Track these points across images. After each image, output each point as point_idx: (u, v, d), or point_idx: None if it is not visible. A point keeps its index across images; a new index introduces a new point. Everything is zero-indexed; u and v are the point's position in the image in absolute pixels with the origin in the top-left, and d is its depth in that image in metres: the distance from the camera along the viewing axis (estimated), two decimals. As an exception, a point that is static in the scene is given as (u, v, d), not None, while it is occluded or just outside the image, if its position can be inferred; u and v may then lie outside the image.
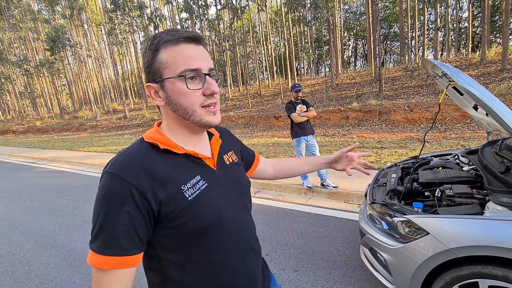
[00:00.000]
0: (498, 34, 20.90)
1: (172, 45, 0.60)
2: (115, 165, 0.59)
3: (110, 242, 0.55)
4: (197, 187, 0.63)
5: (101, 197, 0.57)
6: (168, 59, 0.60)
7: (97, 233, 0.56)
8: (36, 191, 5.62)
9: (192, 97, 0.62)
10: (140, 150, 0.63)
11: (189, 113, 0.63)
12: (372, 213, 1.88)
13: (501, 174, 1.63)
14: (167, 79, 0.61)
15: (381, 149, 6.23)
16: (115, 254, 0.55)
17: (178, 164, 0.64)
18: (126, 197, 0.55)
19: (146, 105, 23.35)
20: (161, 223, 0.60)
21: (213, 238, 0.65)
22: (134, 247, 0.57)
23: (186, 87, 0.60)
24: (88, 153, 10.34)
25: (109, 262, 0.55)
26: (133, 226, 0.56)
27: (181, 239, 0.62)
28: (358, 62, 33.93)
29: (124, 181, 0.56)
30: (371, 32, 16.48)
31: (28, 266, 2.74)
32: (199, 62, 0.61)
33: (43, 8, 26.86)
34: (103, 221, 0.55)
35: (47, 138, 19.18)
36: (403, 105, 10.11)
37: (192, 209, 0.61)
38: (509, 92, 8.88)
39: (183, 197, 0.61)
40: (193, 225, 0.61)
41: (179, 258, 0.64)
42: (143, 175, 0.58)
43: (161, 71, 0.61)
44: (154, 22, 18.88)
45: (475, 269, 1.36)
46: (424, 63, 2.11)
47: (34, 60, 29.71)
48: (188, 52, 0.61)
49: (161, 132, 0.67)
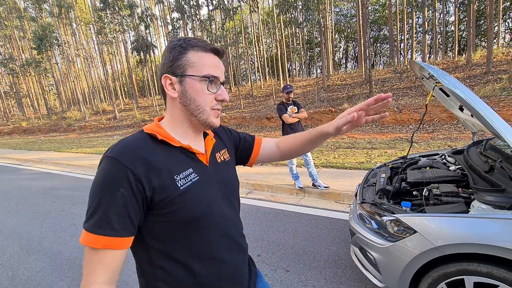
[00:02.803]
0: (483, 38, 21.57)
1: (202, 51, 0.69)
2: (115, 150, 0.63)
3: (103, 222, 0.58)
4: (189, 179, 0.67)
5: (99, 179, 0.60)
6: (196, 60, 0.68)
7: (92, 213, 0.59)
8: (22, 193, 5.45)
9: (207, 98, 0.70)
10: (139, 139, 0.67)
11: (199, 110, 0.70)
12: (362, 212, 1.90)
13: (485, 173, 1.67)
14: (190, 76, 0.68)
15: (371, 150, 6.32)
16: (107, 234, 0.58)
17: (173, 155, 0.68)
18: (123, 181, 0.59)
19: (136, 105, 23.03)
20: (153, 210, 0.63)
21: (201, 229, 0.68)
22: (126, 230, 0.60)
23: (206, 88, 0.69)
24: (77, 154, 10.11)
25: (101, 241, 0.58)
26: (126, 209, 0.59)
27: (170, 227, 0.65)
28: (349, 64, 34.39)
29: (122, 165, 0.60)
30: (362, 35, 16.73)
31: (12, 271, 2.65)
32: (219, 72, 0.71)
33: (29, 6, 26.14)
34: (99, 202, 0.58)
35: (33, 139, 18.67)
36: (392, 106, 10.29)
37: (183, 199, 0.64)
38: (493, 94, 9.17)
39: (176, 186, 0.64)
40: (183, 215, 0.65)
41: (167, 247, 0.66)
42: (139, 161, 0.62)
43: (185, 67, 0.68)
44: (145, 21, 18.67)
45: (461, 266, 1.39)
46: (412, 65, 2.15)
47: (20, 59, 28.89)
48: (214, 61, 0.71)
49: (161, 126, 0.72)
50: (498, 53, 13.37)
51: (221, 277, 0.72)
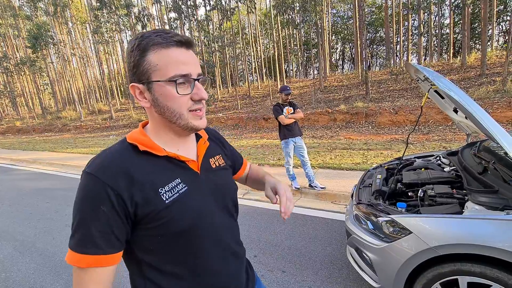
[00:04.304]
0: (478, 41, 21.84)
1: (162, 48, 0.59)
2: (93, 166, 0.59)
3: (86, 241, 0.56)
4: (176, 191, 0.63)
5: (79, 196, 0.58)
6: (158, 62, 0.59)
7: (74, 231, 0.57)
8: (15, 194, 5.38)
9: (181, 101, 0.61)
10: (120, 151, 0.63)
11: (176, 116, 0.63)
12: (358, 213, 1.91)
13: (479, 174, 1.70)
14: (156, 82, 0.60)
15: (368, 151, 6.36)
16: (91, 252, 0.56)
17: (157, 166, 0.63)
18: (103, 197, 0.56)
19: (133, 105, 22.87)
20: (139, 225, 0.60)
21: (191, 241, 0.65)
22: (111, 246, 0.57)
23: (176, 91, 0.60)
24: (72, 154, 10.02)
25: (85, 260, 0.56)
26: (109, 226, 0.57)
27: (159, 241, 0.62)
28: (345, 65, 34.59)
29: (100, 181, 0.56)
30: (358, 36, 16.84)
31: (6, 273, 2.62)
32: (189, 68, 0.61)
33: (24, 4, 25.84)
34: (80, 220, 0.56)
35: (27, 139, 18.44)
36: (388, 108, 10.37)
37: (169, 212, 0.61)
38: (487, 96, 9.28)
39: (160, 199, 0.60)
40: (171, 228, 0.61)
41: (157, 260, 0.64)
42: (120, 176, 0.58)
43: (149, 73, 0.60)
44: (142, 21, 18.56)
45: (455, 266, 1.41)
46: (408, 67, 2.18)
47: (15, 58, 28.53)
48: (179, 57, 0.60)
49: (145, 133, 0.67)
50: (492, 55, 13.55)
51: (215, 287, 0.69)
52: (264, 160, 6.27)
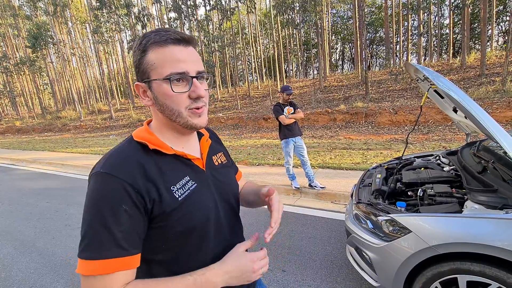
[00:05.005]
0: (477, 41, 21.88)
1: (159, 47, 0.59)
2: (108, 165, 0.57)
3: (110, 244, 0.53)
4: (187, 188, 0.63)
5: (95, 198, 0.55)
6: (155, 61, 0.59)
7: (91, 238, 0.53)
8: (15, 193, 5.38)
9: (178, 100, 0.61)
10: (130, 149, 0.62)
11: (175, 114, 0.62)
12: (357, 212, 1.92)
13: (478, 174, 1.70)
14: (154, 81, 0.60)
15: (367, 150, 6.37)
16: (118, 255, 0.53)
17: (167, 164, 0.63)
18: (123, 196, 0.54)
19: (132, 105, 22.89)
20: (152, 223, 0.59)
21: (199, 238, 0.65)
22: (135, 247, 0.56)
23: (171, 90, 0.60)
24: (72, 154, 10.01)
25: (112, 264, 0.52)
26: (132, 225, 0.55)
27: (169, 239, 0.62)
28: (345, 65, 34.63)
29: (119, 179, 0.55)
30: (358, 36, 16.85)
31: (6, 272, 2.62)
32: (186, 65, 0.60)
33: (24, 3, 25.84)
34: (99, 224, 0.53)
35: (27, 139, 18.44)
36: (388, 108, 10.38)
37: (182, 209, 0.61)
38: (487, 96, 9.30)
39: (173, 197, 0.60)
40: (182, 225, 0.61)
41: (166, 258, 0.64)
42: (137, 173, 0.57)
43: (148, 72, 0.60)
44: (142, 21, 18.55)
45: (454, 265, 1.41)
46: (407, 67, 2.18)
47: (14, 58, 28.51)
48: (175, 54, 0.60)
49: (151, 131, 0.67)
50: (491, 55, 13.58)
51: None
52: (264, 160, 6.27)
